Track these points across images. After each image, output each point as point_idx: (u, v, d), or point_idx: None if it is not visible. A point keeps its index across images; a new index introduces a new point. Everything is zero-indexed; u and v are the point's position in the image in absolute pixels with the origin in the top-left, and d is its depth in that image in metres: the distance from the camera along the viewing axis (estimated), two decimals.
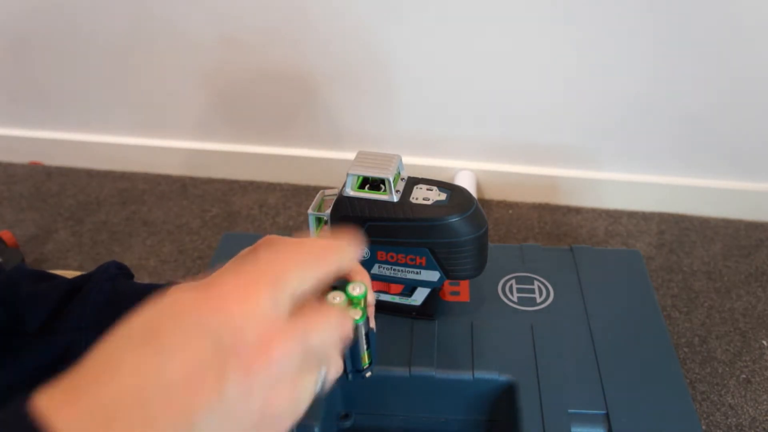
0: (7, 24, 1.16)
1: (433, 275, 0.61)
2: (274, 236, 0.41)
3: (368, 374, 0.48)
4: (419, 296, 0.64)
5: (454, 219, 0.57)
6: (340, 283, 0.38)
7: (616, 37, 0.99)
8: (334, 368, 0.34)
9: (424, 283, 0.62)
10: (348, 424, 0.64)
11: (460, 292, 0.70)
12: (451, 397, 0.63)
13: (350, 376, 0.48)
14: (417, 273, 0.61)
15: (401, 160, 0.59)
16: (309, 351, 0.30)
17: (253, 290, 0.29)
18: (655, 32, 0.97)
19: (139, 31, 1.12)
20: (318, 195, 0.62)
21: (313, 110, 1.16)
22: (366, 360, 0.47)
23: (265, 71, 1.13)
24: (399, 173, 0.59)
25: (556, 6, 0.97)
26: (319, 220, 0.62)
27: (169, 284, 0.51)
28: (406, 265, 0.61)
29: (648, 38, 0.98)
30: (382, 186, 0.58)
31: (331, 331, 0.32)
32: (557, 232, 1.11)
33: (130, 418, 0.25)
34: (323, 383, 0.32)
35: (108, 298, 0.50)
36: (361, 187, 0.58)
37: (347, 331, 0.33)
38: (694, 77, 1.01)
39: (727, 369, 0.87)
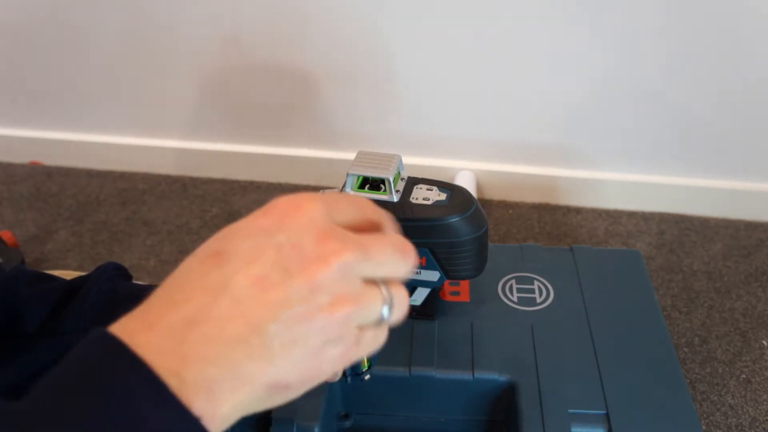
0: (6, 24, 1.16)
1: (433, 275, 0.61)
2: None
3: (366, 377, 0.49)
4: (419, 296, 0.64)
5: (454, 219, 0.57)
6: None
7: (617, 38, 0.99)
8: (400, 300, 0.32)
9: (424, 283, 0.62)
10: (348, 424, 0.64)
11: (460, 292, 0.70)
12: (451, 397, 0.63)
13: (349, 379, 0.48)
14: (417, 273, 0.61)
15: (401, 160, 0.59)
16: (369, 265, 0.30)
17: (306, 203, 0.30)
18: (656, 33, 0.97)
19: (139, 31, 1.12)
20: None
21: (314, 110, 1.16)
22: (365, 363, 0.48)
23: (265, 71, 1.13)
24: (399, 173, 0.59)
25: (556, 6, 0.97)
26: None
27: None
28: None
29: (649, 39, 0.98)
30: (382, 186, 0.58)
31: (392, 252, 0.31)
32: (557, 232, 1.11)
33: (204, 332, 0.27)
34: (390, 313, 0.31)
35: (106, 299, 0.50)
36: (361, 187, 0.58)
37: (412, 258, 0.32)
38: (695, 78, 1.01)
39: (727, 369, 0.87)
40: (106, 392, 0.25)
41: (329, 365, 0.29)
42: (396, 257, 0.31)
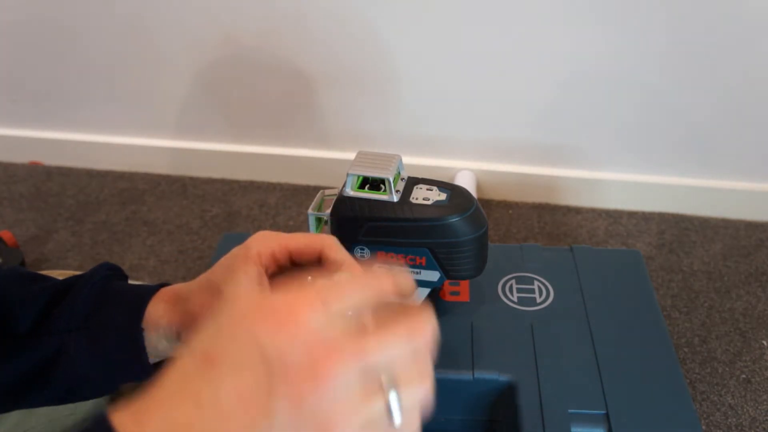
0: (6, 24, 1.16)
1: (433, 275, 0.61)
2: (266, 231, 0.42)
3: None
4: (419, 296, 0.64)
5: (454, 219, 0.57)
6: None
7: (617, 39, 0.99)
8: (415, 391, 0.28)
9: (424, 283, 0.62)
10: None
11: (460, 292, 0.70)
12: (451, 397, 0.63)
13: None
14: (417, 273, 0.61)
15: (401, 160, 0.59)
16: (371, 371, 0.27)
17: (303, 308, 0.27)
18: (656, 33, 0.97)
19: (139, 31, 1.12)
20: (318, 195, 0.62)
21: (314, 110, 1.16)
22: None
23: (265, 71, 1.13)
24: (399, 173, 0.59)
25: (557, 7, 0.97)
26: (319, 220, 0.62)
27: (161, 285, 0.51)
28: (406, 265, 0.61)
29: (649, 39, 0.98)
30: (382, 186, 0.58)
31: (400, 346, 0.28)
32: (557, 232, 1.11)
33: None
34: (399, 410, 0.27)
35: (97, 299, 0.50)
36: (361, 187, 0.58)
37: (426, 341, 0.29)
38: (695, 78, 1.01)
39: (727, 369, 0.87)
40: None
41: None
42: (403, 347, 0.28)
